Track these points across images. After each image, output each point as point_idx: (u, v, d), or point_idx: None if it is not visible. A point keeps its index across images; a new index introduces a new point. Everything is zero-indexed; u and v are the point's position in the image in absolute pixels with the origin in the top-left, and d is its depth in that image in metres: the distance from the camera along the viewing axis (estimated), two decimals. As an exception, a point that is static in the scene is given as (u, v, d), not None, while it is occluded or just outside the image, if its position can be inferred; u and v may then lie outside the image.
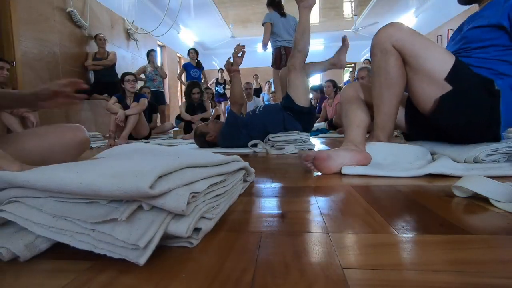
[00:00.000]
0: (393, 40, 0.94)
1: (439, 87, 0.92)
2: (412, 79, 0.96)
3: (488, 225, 0.46)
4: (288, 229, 0.46)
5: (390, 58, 0.96)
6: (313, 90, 5.65)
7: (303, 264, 0.35)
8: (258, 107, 2.00)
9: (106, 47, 4.20)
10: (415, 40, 0.93)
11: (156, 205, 0.37)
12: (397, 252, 0.37)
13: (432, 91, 0.93)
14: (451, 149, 0.97)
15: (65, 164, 0.44)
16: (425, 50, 0.92)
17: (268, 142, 1.80)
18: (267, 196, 0.68)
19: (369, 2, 6.82)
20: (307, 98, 1.85)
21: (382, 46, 0.97)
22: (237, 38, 8.55)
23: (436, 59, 0.91)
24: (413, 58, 0.93)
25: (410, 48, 0.93)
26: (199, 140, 2.02)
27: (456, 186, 0.61)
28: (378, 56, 0.99)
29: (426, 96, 0.95)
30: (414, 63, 0.93)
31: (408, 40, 0.93)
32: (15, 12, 3.13)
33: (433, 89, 0.93)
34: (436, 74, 0.91)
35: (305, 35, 1.75)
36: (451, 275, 0.31)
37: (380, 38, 0.98)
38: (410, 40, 0.93)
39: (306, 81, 1.86)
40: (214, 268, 0.35)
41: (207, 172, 0.49)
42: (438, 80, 0.91)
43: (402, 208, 0.56)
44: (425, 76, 0.93)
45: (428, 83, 0.93)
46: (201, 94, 3.64)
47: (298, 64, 1.76)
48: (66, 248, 0.38)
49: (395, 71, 0.97)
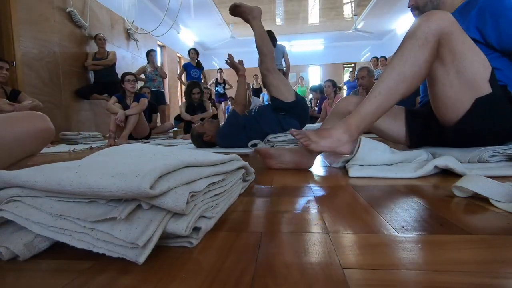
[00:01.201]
0: (443, 32, 0.82)
1: (477, 90, 0.86)
2: (445, 79, 0.87)
3: (488, 225, 0.46)
4: (288, 229, 0.46)
5: (429, 51, 0.83)
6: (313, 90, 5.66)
7: (303, 264, 0.35)
8: (254, 108, 2.01)
9: (106, 47, 4.20)
10: (465, 39, 0.84)
11: (156, 204, 0.37)
12: (397, 252, 0.37)
13: (468, 94, 0.86)
14: (454, 151, 0.96)
15: (65, 163, 0.44)
16: (472, 51, 0.85)
17: (268, 143, 1.80)
18: (267, 196, 0.68)
19: (369, 2, 6.83)
20: (291, 91, 1.88)
21: (429, 34, 0.82)
22: (237, 38, 8.56)
23: (480, 61, 0.85)
24: (459, 57, 0.84)
25: (460, 46, 0.83)
26: (197, 140, 2.02)
27: (456, 186, 0.61)
28: (419, 42, 0.83)
29: (459, 99, 0.88)
30: (458, 61, 0.84)
31: (459, 36, 0.83)
32: (15, 12, 3.13)
33: (469, 92, 0.86)
34: (479, 76, 0.85)
35: (264, 40, 1.83)
36: (451, 275, 0.31)
37: (430, 23, 0.82)
38: (461, 38, 0.83)
39: (283, 77, 1.92)
40: (214, 268, 0.35)
41: (207, 171, 0.49)
42: (479, 82, 0.85)
43: (402, 208, 0.56)
44: (466, 78, 0.85)
45: (466, 86, 0.86)
46: (201, 94, 3.64)
47: (270, 66, 1.82)
48: (66, 248, 0.38)
49: (424, 67, 0.84)
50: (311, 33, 9.06)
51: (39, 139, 0.95)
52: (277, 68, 1.88)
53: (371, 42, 9.54)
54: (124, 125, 2.96)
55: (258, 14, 1.80)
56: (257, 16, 1.80)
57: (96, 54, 4.14)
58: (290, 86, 1.90)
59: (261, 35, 1.81)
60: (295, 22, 8.21)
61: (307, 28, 8.61)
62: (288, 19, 7.92)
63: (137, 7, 5.61)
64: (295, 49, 9.86)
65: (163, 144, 2.62)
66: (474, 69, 0.84)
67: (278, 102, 1.84)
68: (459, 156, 0.92)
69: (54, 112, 3.50)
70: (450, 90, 0.88)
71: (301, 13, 7.50)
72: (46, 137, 0.97)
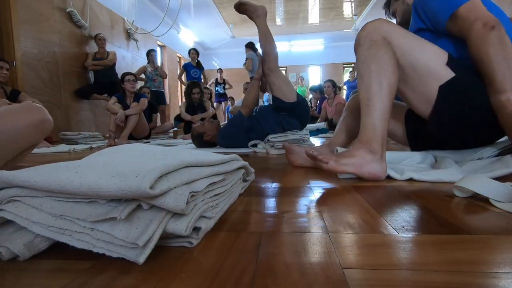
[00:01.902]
0: (383, 31, 0.85)
1: (438, 78, 0.84)
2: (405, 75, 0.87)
3: (488, 225, 0.46)
4: (288, 229, 0.46)
5: (381, 47, 0.85)
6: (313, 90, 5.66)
7: (303, 264, 0.35)
8: (255, 108, 2.01)
9: (106, 47, 4.20)
10: (406, 33, 0.86)
11: (156, 204, 0.37)
12: (397, 252, 0.37)
13: (430, 84, 0.85)
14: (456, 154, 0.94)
15: (65, 163, 0.44)
16: (418, 42, 0.86)
17: (268, 143, 1.80)
18: (267, 196, 0.68)
19: (369, 2, 6.83)
20: (293, 91, 1.88)
21: (371, 37, 0.86)
22: (237, 38, 8.56)
23: (431, 50, 0.85)
24: (406, 51, 0.84)
25: (402, 40, 0.84)
26: (197, 140, 2.02)
27: (456, 186, 0.61)
28: (366, 46, 0.86)
29: (424, 92, 0.87)
30: (407, 56, 0.84)
31: (399, 32, 0.86)
32: (15, 12, 3.13)
33: (431, 82, 0.85)
34: (433, 63, 0.84)
35: (269, 39, 1.83)
36: (451, 275, 0.31)
37: (368, 30, 0.87)
38: (401, 33, 0.86)
39: (285, 78, 1.93)
40: (214, 268, 0.35)
41: (207, 171, 0.49)
42: (437, 70, 0.84)
43: (402, 208, 0.56)
44: (421, 69, 0.84)
45: (426, 77, 0.85)
46: (201, 94, 3.65)
47: (272, 66, 1.83)
48: (66, 248, 0.38)
49: (387, 58, 0.84)
50: (311, 33, 9.06)
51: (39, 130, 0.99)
52: (279, 69, 1.88)
53: (371, 42, 9.52)
54: (124, 125, 2.96)
55: (262, 13, 1.81)
56: (261, 15, 1.82)
57: (96, 54, 4.13)
58: (292, 86, 1.90)
59: (266, 34, 1.82)
60: (295, 22, 8.20)
61: (307, 28, 8.61)
62: (288, 19, 7.92)
63: (137, 7, 5.61)
64: (295, 49, 9.86)
65: (163, 144, 2.62)
66: (425, 58, 0.84)
67: (280, 102, 1.85)
68: (458, 158, 0.91)
69: (54, 112, 3.49)
70: (412, 84, 0.88)
71: (301, 13, 7.50)
72: (46, 128, 1.01)
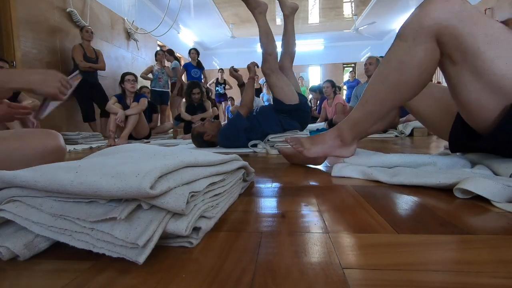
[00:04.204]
0: (443, 25, 0.63)
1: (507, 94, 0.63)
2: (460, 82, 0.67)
3: (488, 225, 0.46)
4: (288, 229, 0.46)
5: (419, 53, 0.66)
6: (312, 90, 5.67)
7: (303, 264, 0.35)
8: (256, 108, 2.01)
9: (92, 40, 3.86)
10: (478, 30, 0.61)
11: (156, 204, 0.37)
12: (397, 252, 0.37)
13: (494, 99, 0.64)
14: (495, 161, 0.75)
15: (64, 163, 0.44)
16: (492, 44, 0.61)
17: (268, 143, 1.80)
18: (267, 196, 0.68)
19: (369, 2, 6.83)
20: (294, 94, 1.85)
21: (419, 31, 0.65)
22: (237, 38, 8.56)
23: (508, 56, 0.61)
24: (470, 55, 0.62)
25: (470, 40, 0.61)
26: (197, 140, 2.02)
27: (457, 188, 0.61)
28: (407, 43, 0.67)
29: (484, 105, 0.66)
30: (471, 61, 0.63)
31: (468, 28, 0.61)
32: (15, 12, 3.13)
33: (495, 97, 0.64)
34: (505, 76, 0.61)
35: (269, 37, 1.80)
36: (451, 275, 0.31)
37: (424, 17, 0.64)
38: (471, 30, 0.61)
39: (286, 79, 1.88)
40: (214, 268, 0.35)
41: (207, 171, 0.49)
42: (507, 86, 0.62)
43: (402, 208, 0.56)
44: (487, 79, 0.63)
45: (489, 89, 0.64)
46: (201, 94, 3.65)
47: (273, 66, 1.80)
48: (66, 248, 0.38)
49: (417, 74, 0.69)
50: (311, 33, 9.06)
51: (49, 159, 0.89)
52: (278, 69, 1.87)
53: (371, 42, 9.54)
54: (124, 125, 2.96)
55: (264, 10, 1.79)
56: (263, 12, 1.79)
57: (86, 53, 3.78)
58: (293, 87, 1.87)
59: (267, 32, 1.79)
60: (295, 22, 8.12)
61: (307, 28, 8.61)
62: (288, 19, 7.92)
63: (137, 7, 5.62)
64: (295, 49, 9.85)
65: (163, 144, 2.62)
66: (497, 68, 0.61)
67: (281, 104, 1.83)
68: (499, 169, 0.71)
69: (54, 112, 3.47)
70: (469, 95, 0.67)
71: (301, 13, 7.50)
72: (56, 158, 0.91)
